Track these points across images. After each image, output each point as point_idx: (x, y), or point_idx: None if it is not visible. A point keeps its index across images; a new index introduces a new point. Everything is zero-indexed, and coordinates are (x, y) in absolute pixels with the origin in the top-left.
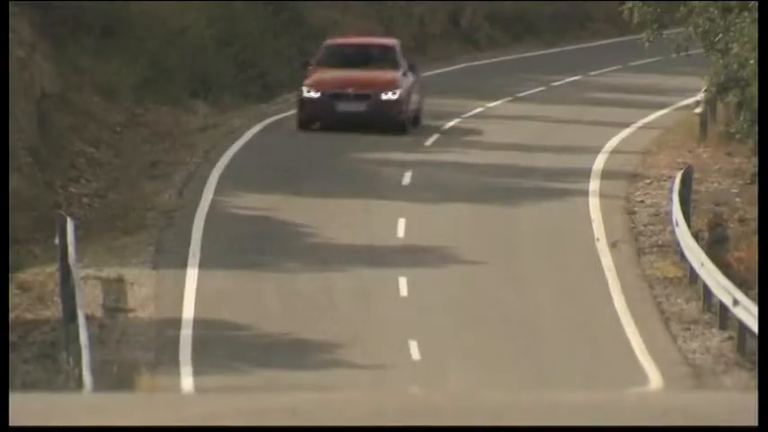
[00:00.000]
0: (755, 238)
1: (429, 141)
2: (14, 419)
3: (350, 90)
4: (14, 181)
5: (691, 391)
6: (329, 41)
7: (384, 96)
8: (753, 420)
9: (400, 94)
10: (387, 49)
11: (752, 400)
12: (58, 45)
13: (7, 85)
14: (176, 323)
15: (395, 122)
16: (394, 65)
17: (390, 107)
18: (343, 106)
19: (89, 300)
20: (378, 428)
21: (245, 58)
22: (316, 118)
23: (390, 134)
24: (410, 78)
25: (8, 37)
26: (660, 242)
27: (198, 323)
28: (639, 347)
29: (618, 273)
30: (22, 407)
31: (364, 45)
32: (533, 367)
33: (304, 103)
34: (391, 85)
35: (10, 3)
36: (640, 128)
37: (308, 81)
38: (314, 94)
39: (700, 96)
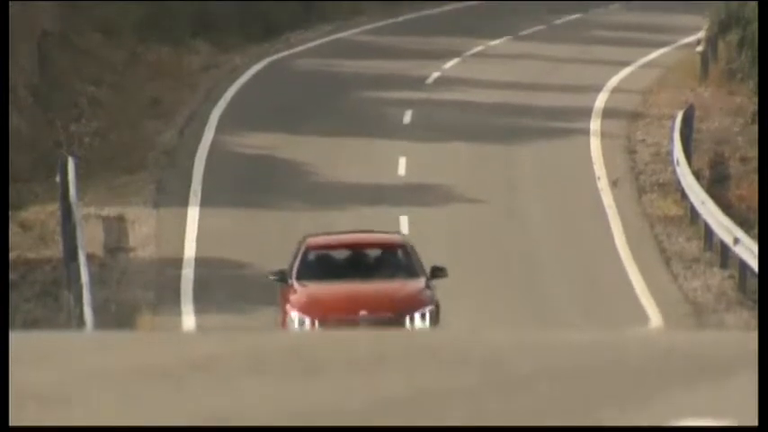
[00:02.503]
0: (756, 177)
1: (430, 80)
2: (15, 358)
3: (363, 314)
4: (15, 120)
5: (693, 330)
6: (311, 241)
7: (411, 323)
8: (753, 363)
9: (431, 314)
10: (395, 249)
11: (754, 339)
12: None
13: (7, 79)
14: (177, 262)
15: None
16: (411, 271)
17: None
18: None
19: (90, 239)
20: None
21: None
22: None
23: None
24: (432, 290)
25: (8, 37)
26: (661, 181)
27: (199, 262)
28: (640, 286)
29: (618, 211)
30: (23, 345)
31: (362, 244)
32: (533, 305)
33: None
34: (418, 303)
35: None
36: (641, 66)
37: (293, 305)
38: (307, 326)
39: (701, 35)
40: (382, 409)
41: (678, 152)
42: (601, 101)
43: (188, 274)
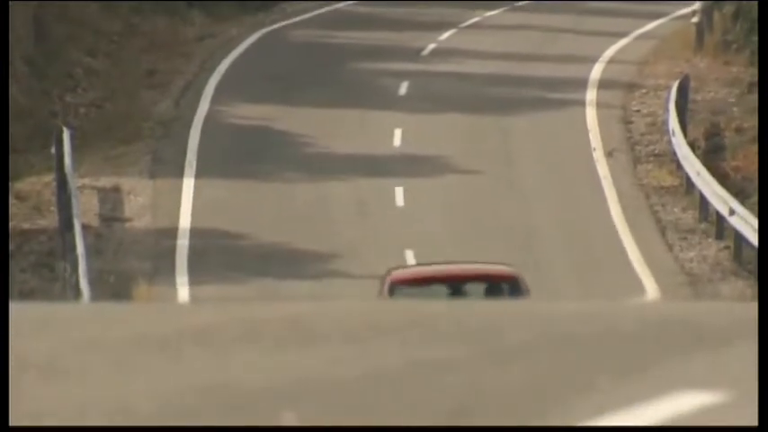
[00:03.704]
0: (753, 147)
1: (426, 51)
2: (13, 329)
3: None
4: (11, 90)
5: (689, 301)
6: (397, 275)
7: None
8: (752, 333)
9: None
10: (503, 284)
11: (752, 309)
12: None
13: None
14: (173, 233)
15: None
16: None
17: None
18: None
19: (85, 209)
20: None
21: None
22: None
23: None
24: None
25: (8, 36)
26: (656, 151)
27: (194, 233)
28: (636, 256)
29: (614, 182)
30: (20, 316)
31: (461, 278)
32: (529, 273)
33: None
34: None
35: None
36: (637, 37)
37: None
38: None
39: (696, 5)
40: (376, 378)
41: (673, 122)
42: (597, 72)
43: (183, 244)
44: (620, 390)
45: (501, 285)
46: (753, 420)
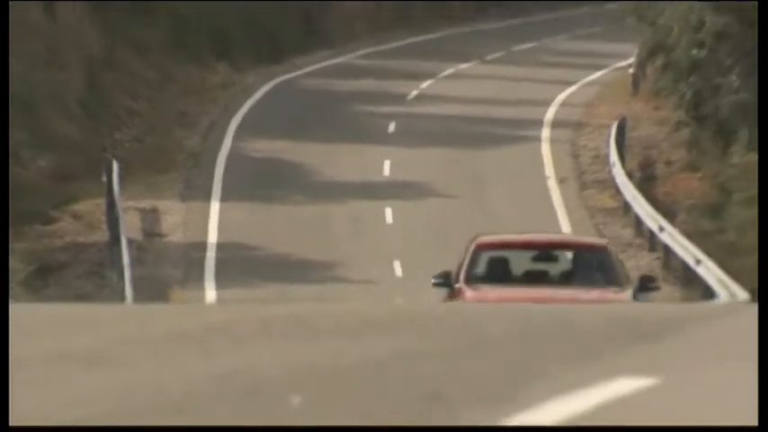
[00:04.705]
0: (680, 176)
1: (410, 96)
2: (66, 326)
3: None
4: (68, 128)
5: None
6: (482, 240)
7: None
8: (682, 329)
9: None
10: (593, 253)
11: (681, 310)
12: (102, 13)
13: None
14: (202, 246)
15: None
16: (613, 281)
17: None
18: None
19: (130, 226)
20: (368, 334)
21: (258, 22)
22: None
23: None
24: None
25: (8, 36)
26: (600, 179)
27: (219, 246)
28: None
29: (565, 203)
30: (72, 318)
31: (550, 245)
32: None
33: None
34: None
35: None
36: (584, 85)
37: None
38: None
39: (633, 59)
40: (368, 366)
41: (613, 156)
42: (551, 113)
43: (210, 255)
44: (570, 376)
45: (589, 254)
46: (752, 419)
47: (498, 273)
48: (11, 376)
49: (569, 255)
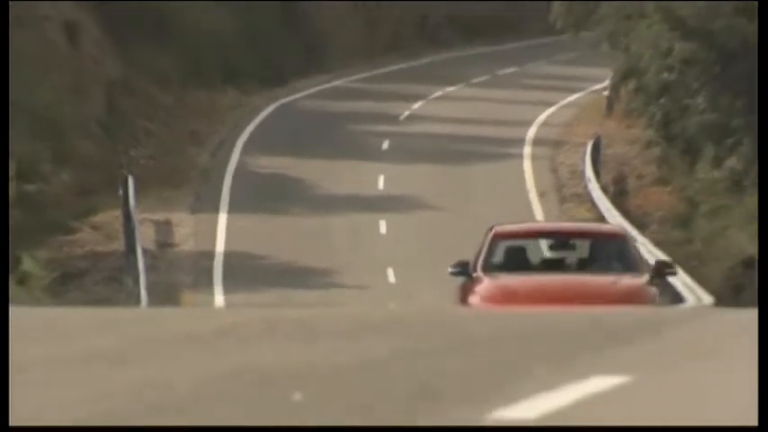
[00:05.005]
0: (651, 190)
1: (402, 117)
2: (86, 327)
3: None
4: (88, 147)
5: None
6: (499, 229)
7: None
8: (657, 331)
9: None
10: (610, 241)
11: (652, 314)
12: (121, 43)
13: (7, 85)
14: (210, 254)
15: None
16: (629, 266)
17: None
18: None
19: (144, 237)
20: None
21: (262, 50)
22: None
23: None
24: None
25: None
26: (577, 193)
27: (227, 254)
28: None
29: (545, 215)
30: (92, 320)
31: (566, 233)
32: None
33: None
34: (640, 299)
35: (82, 6)
36: (562, 106)
37: (478, 295)
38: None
39: (607, 83)
40: (363, 365)
41: (589, 171)
42: (532, 132)
43: (218, 263)
44: (550, 375)
45: (607, 242)
46: (751, 419)
47: (516, 261)
48: (31, 376)
49: (587, 243)
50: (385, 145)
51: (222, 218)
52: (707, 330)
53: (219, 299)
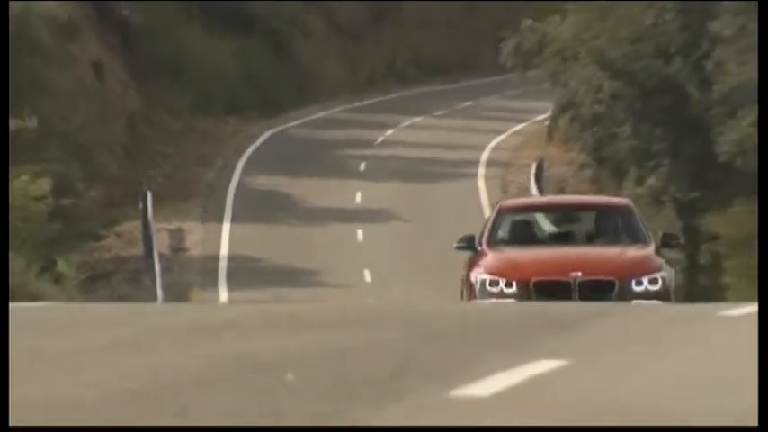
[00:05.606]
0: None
1: (377, 142)
2: (111, 321)
3: (575, 275)
4: (113, 167)
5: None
6: (505, 203)
7: (639, 287)
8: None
9: (666, 282)
10: (615, 213)
11: (590, 307)
12: (140, 79)
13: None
14: (216, 258)
15: None
16: (635, 237)
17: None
18: None
19: (161, 243)
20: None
21: (259, 85)
22: None
23: None
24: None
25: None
26: None
27: (230, 258)
28: None
29: None
30: (115, 314)
31: (572, 206)
32: (449, 284)
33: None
34: (647, 267)
35: (108, 49)
36: (511, 134)
37: (483, 267)
38: (502, 288)
39: (548, 114)
40: (346, 351)
41: (534, 189)
42: (485, 155)
43: (223, 265)
44: (501, 359)
45: (612, 214)
46: (753, 418)
47: (521, 235)
48: (63, 362)
49: (592, 215)
50: (362, 166)
51: (226, 227)
52: (643, 321)
53: (224, 295)
